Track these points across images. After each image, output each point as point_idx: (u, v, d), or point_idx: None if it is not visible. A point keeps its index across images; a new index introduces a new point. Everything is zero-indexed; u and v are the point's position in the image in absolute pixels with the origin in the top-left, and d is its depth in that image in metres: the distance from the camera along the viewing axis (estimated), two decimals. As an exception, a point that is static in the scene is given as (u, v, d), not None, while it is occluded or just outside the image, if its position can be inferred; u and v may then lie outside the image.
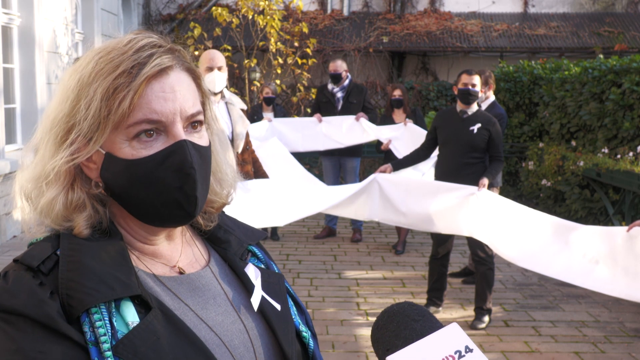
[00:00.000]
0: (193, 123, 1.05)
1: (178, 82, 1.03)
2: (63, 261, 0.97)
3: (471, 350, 0.90)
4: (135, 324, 0.96)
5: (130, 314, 0.97)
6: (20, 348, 0.90)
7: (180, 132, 1.02)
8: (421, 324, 0.96)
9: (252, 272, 1.16)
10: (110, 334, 0.94)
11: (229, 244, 1.18)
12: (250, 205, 4.45)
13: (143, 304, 0.99)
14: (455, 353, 0.89)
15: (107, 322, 0.95)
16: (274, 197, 4.79)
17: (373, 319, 5.77)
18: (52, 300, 0.93)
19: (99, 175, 1.05)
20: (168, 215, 1.04)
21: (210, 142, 1.10)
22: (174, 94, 1.02)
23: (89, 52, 1.06)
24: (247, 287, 1.13)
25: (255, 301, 1.12)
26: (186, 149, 1.01)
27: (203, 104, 1.10)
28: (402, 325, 0.96)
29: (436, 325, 0.96)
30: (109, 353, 0.92)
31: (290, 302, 1.20)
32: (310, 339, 1.18)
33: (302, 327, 1.18)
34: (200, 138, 1.06)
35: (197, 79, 1.09)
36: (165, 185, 1.01)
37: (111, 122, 0.99)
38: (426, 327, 0.95)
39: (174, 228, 1.11)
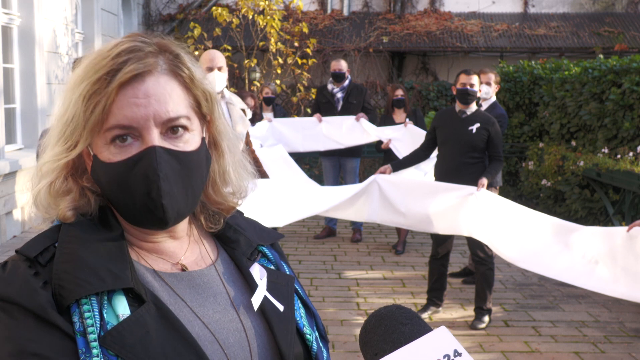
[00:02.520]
0: (173, 128, 1.04)
1: (155, 87, 1.03)
2: (59, 252, 1.00)
3: (460, 354, 0.89)
4: (125, 316, 0.97)
5: (122, 307, 0.98)
6: (12, 335, 0.93)
7: (153, 138, 1.02)
8: (409, 328, 0.95)
9: (257, 272, 1.16)
10: (98, 325, 0.95)
11: (238, 243, 1.19)
12: (249, 205, 4.44)
13: (137, 297, 1.00)
14: (444, 357, 0.88)
15: (97, 313, 0.96)
16: (274, 197, 4.78)
17: (373, 319, 5.76)
18: (43, 290, 0.95)
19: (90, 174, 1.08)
20: (143, 220, 1.06)
21: (214, 146, 1.11)
22: (147, 100, 1.02)
23: (85, 56, 1.08)
24: (251, 287, 1.14)
25: (256, 301, 1.12)
26: (153, 155, 1.01)
27: (200, 106, 1.09)
28: (390, 329, 0.95)
29: (425, 329, 0.95)
30: (94, 344, 0.93)
31: (299, 304, 1.20)
32: (314, 341, 1.17)
33: (307, 329, 1.17)
34: (184, 143, 1.05)
35: (187, 82, 1.07)
36: (135, 190, 1.03)
37: (89, 126, 1.02)
38: (415, 330, 0.94)
39: (166, 229, 1.10)
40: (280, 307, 1.14)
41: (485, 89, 6.15)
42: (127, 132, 1.02)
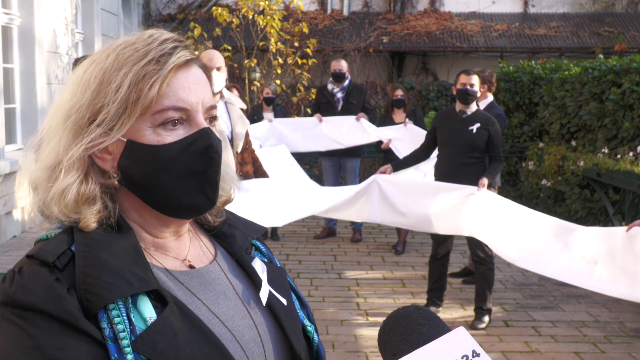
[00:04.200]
0: (210, 117, 1.09)
1: (198, 75, 1.08)
2: (79, 257, 0.97)
3: (478, 355, 0.89)
4: (153, 320, 0.96)
5: (148, 310, 0.97)
6: (38, 344, 0.90)
7: (203, 121, 1.05)
8: (428, 328, 0.95)
9: (259, 266, 1.16)
10: (128, 329, 0.94)
11: (234, 238, 1.19)
12: (249, 205, 4.45)
13: (158, 298, 0.99)
14: (463, 357, 0.88)
15: (125, 317, 0.94)
16: (274, 197, 4.78)
17: (373, 319, 5.74)
18: (70, 296, 0.93)
19: (114, 166, 1.05)
20: (189, 203, 1.05)
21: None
22: (196, 85, 1.06)
23: (104, 48, 1.07)
24: (254, 282, 1.14)
25: (264, 296, 1.12)
26: (211, 135, 1.05)
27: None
28: (408, 329, 0.96)
29: (443, 329, 0.95)
30: (128, 349, 0.92)
31: (293, 297, 1.21)
32: (315, 333, 1.19)
33: (307, 322, 1.19)
34: (216, 132, 1.10)
35: (209, 77, 1.12)
36: (190, 169, 1.03)
37: (139, 107, 1.01)
38: (433, 331, 0.94)
39: (189, 219, 1.12)
40: (284, 301, 1.15)
41: None
42: (180, 114, 1.03)
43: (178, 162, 1.02)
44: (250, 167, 4.85)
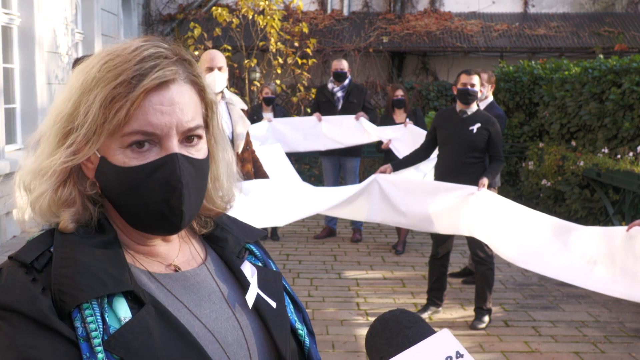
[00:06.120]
0: (189, 137, 1.06)
1: (179, 95, 1.04)
2: (56, 257, 0.99)
3: (462, 356, 0.92)
4: (127, 320, 0.97)
5: (123, 310, 0.98)
6: (13, 344, 0.92)
7: (173, 146, 1.03)
8: (413, 331, 0.98)
9: (249, 269, 1.17)
10: (101, 329, 0.95)
11: (226, 242, 1.19)
12: (249, 205, 4.45)
13: (136, 300, 1.00)
14: (447, 358, 0.91)
15: (99, 317, 0.95)
16: (274, 197, 4.78)
17: (373, 319, 5.78)
18: (44, 296, 0.94)
19: (94, 177, 1.06)
20: (154, 225, 1.06)
21: (209, 154, 1.11)
22: (172, 107, 1.02)
23: (97, 53, 1.06)
24: (243, 285, 1.15)
25: (250, 298, 1.13)
26: (176, 162, 1.02)
27: (207, 116, 1.11)
28: (394, 332, 0.98)
29: (428, 332, 0.98)
30: (99, 348, 0.93)
31: (288, 300, 1.21)
32: (306, 336, 1.19)
33: (298, 325, 1.19)
34: (197, 151, 1.07)
35: (201, 92, 1.09)
36: (152, 196, 1.02)
37: (106, 129, 1.01)
38: (418, 333, 0.97)
39: (175, 234, 1.12)
40: (273, 304, 1.15)
41: None
42: (148, 138, 1.02)
43: (141, 187, 1.02)
44: (251, 166, 4.86)
